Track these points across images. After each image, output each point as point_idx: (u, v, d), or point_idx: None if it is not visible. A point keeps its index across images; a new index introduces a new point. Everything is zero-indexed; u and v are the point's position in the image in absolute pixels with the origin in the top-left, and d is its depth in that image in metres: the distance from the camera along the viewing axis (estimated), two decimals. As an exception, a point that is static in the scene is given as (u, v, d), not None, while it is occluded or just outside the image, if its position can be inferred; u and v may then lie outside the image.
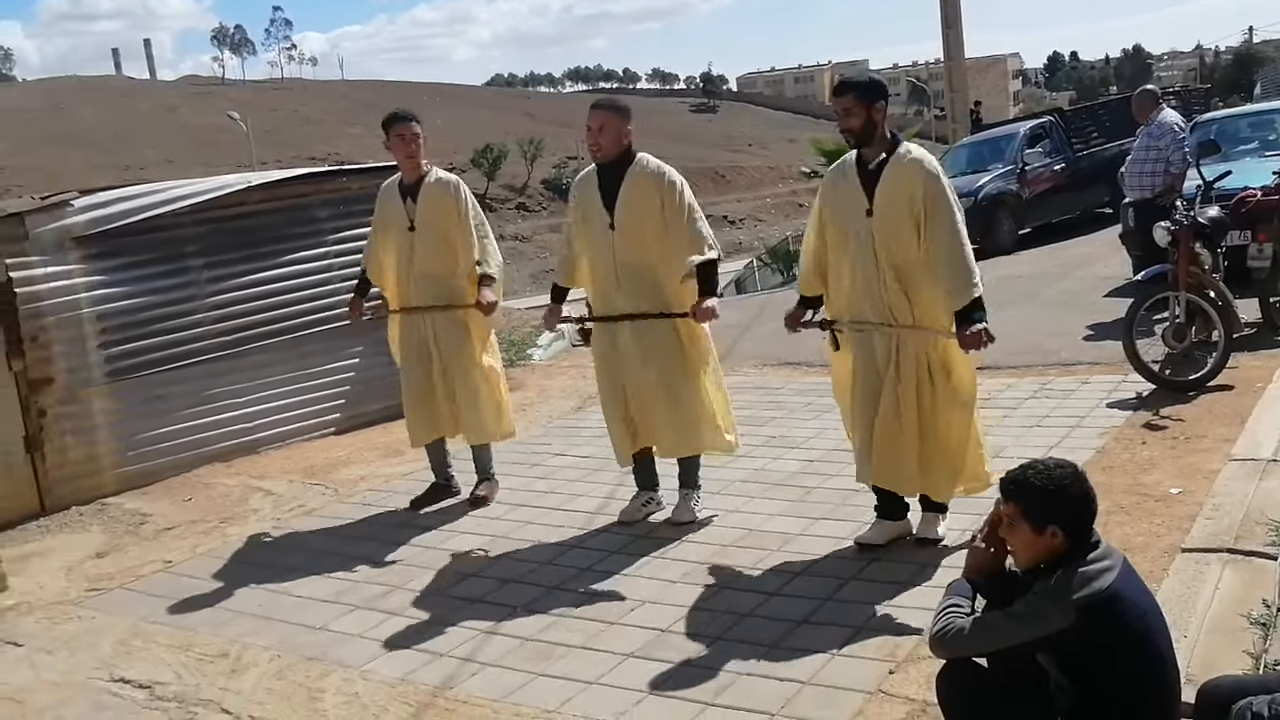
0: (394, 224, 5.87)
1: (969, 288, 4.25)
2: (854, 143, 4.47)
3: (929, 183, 4.32)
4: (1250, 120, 11.85)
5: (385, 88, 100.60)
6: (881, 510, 4.70)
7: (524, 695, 3.76)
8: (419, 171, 5.81)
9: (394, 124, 5.74)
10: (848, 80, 4.54)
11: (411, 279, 5.84)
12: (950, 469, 4.52)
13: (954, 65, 30.87)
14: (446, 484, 6.13)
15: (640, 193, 5.08)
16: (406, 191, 5.84)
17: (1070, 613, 2.46)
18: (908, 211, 4.34)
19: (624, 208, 5.09)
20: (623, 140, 5.10)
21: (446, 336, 5.81)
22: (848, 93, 4.42)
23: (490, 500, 5.97)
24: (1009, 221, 15.65)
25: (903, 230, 4.36)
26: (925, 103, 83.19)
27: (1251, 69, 49.12)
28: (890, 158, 4.41)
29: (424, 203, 5.78)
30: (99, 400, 6.90)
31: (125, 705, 4.04)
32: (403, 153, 5.76)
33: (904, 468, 4.48)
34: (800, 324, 4.81)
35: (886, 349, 4.47)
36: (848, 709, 3.41)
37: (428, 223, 5.77)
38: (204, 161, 54.90)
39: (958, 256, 4.28)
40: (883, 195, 4.40)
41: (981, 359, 4.54)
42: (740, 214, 63.36)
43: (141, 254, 7.13)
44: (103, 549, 5.92)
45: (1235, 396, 6.23)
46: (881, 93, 4.47)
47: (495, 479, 6.12)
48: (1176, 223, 6.89)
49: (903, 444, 4.43)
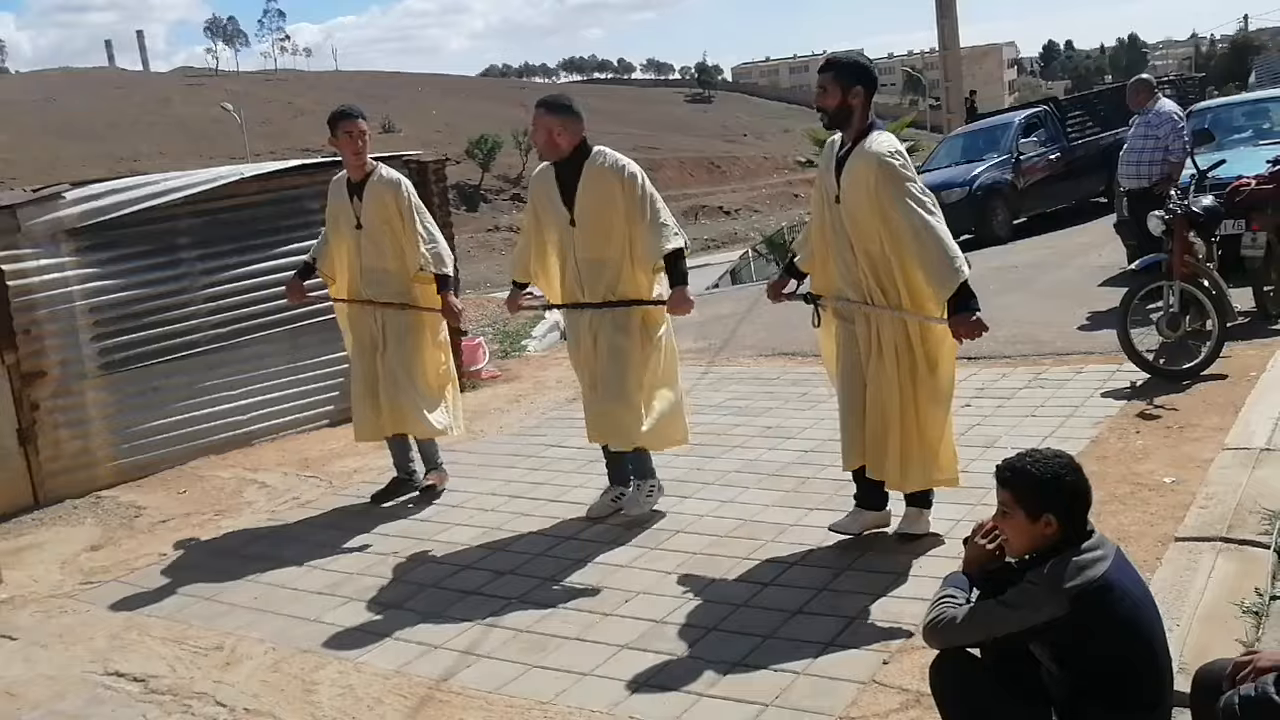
0: (343, 221, 5.87)
1: (953, 275, 4.12)
2: (826, 123, 4.39)
3: (881, 174, 4.19)
4: (1245, 109, 11.84)
5: (379, 79, 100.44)
6: (860, 499, 4.66)
7: (519, 687, 3.76)
8: (364, 169, 5.78)
9: (341, 120, 5.68)
10: (833, 58, 4.45)
11: (361, 275, 5.86)
12: (926, 459, 4.43)
13: (949, 54, 30.90)
14: (408, 478, 6.09)
15: (599, 187, 5.01)
16: (353, 190, 5.82)
17: (1063, 601, 2.46)
18: (869, 201, 4.24)
19: (583, 203, 5.04)
20: (577, 136, 5.04)
21: (394, 331, 5.81)
22: (829, 70, 4.34)
23: (440, 488, 6.00)
24: (1004, 211, 15.68)
25: (869, 220, 4.27)
26: (921, 92, 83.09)
27: (1246, 57, 49.09)
28: (855, 147, 4.32)
29: (369, 201, 5.76)
30: (92, 393, 6.89)
31: (120, 698, 4.04)
32: (349, 149, 5.71)
33: (890, 455, 4.42)
34: (783, 294, 4.80)
35: (867, 333, 4.40)
36: (842, 699, 3.41)
37: (373, 221, 5.76)
38: (198, 153, 54.85)
39: (932, 245, 4.15)
40: (847, 183, 4.33)
41: (975, 348, 4.53)
42: (735, 204, 63.31)
43: (134, 246, 7.11)
44: (97, 542, 5.91)
45: (1229, 386, 6.24)
46: (862, 77, 4.32)
47: (443, 468, 6.13)
48: (1171, 212, 6.89)
49: (893, 434, 4.38)
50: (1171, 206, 6.94)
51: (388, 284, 5.81)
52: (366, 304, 5.87)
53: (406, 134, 65.46)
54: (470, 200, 56.55)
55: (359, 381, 5.96)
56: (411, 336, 5.84)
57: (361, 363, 5.95)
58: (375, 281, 5.82)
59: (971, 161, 16.23)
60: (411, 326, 5.84)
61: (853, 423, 4.49)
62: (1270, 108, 11.64)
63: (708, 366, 8.66)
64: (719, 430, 6.70)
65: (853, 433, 4.50)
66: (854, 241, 4.35)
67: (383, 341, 5.84)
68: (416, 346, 5.85)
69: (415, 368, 5.85)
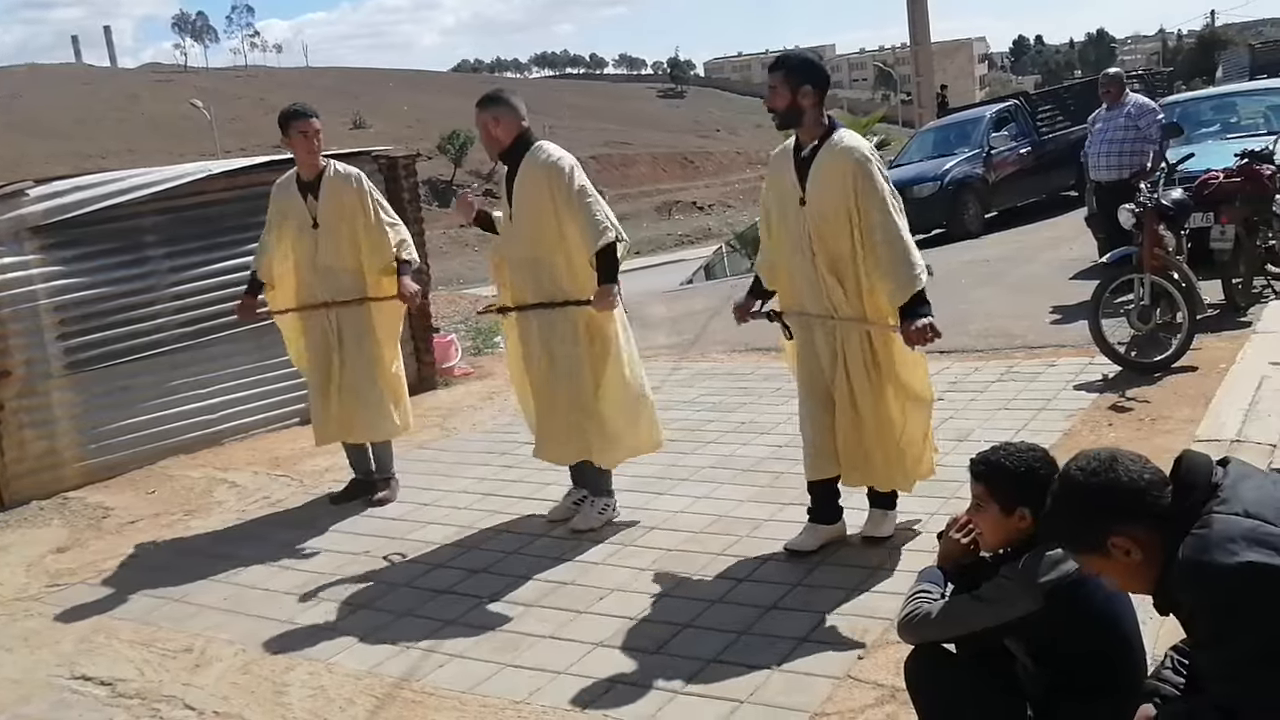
0: (294, 221, 5.75)
1: (910, 282, 4.07)
2: (778, 123, 4.29)
3: (859, 174, 4.12)
4: (1213, 103, 11.95)
5: (350, 75, 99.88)
6: (815, 513, 4.53)
7: (492, 686, 3.73)
8: (318, 167, 5.70)
9: (295, 120, 5.58)
10: (782, 57, 4.34)
11: (316, 275, 5.74)
12: (908, 460, 4.37)
13: (920, 50, 31.01)
14: (366, 479, 6.00)
15: (531, 184, 4.90)
16: (306, 188, 5.71)
17: (1038, 596, 2.45)
18: (840, 203, 4.16)
19: (518, 199, 4.95)
20: (514, 130, 4.94)
21: (350, 332, 5.73)
22: (777, 70, 4.23)
23: (391, 500, 5.86)
24: (975, 205, 15.75)
25: (837, 222, 4.18)
26: (892, 87, 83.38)
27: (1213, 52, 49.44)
28: (822, 146, 4.22)
29: (326, 198, 5.66)
30: (59, 392, 6.79)
31: (87, 702, 3.98)
32: (304, 149, 5.63)
33: (873, 461, 4.34)
34: (749, 314, 4.66)
35: (830, 344, 4.32)
36: (817, 695, 3.40)
37: (332, 219, 5.66)
38: (167, 150, 54.40)
39: (896, 250, 4.10)
40: (814, 185, 4.22)
41: (947, 343, 4.52)
42: (709, 200, 63.37)
43: (100, 244, 7.02)
44: (64, 544, 5.83)
45: (1199, 377, 6.28)
46: (812, 76, 4.21)
47: (396, 479, 6.02)
48: (1141, 205, 6.94)
49: (866, 439, 4.30)
50: (1142, 200, 6.99)
51: (345, 282, 5.71)
52: (321, 306, 5.74)
53: (378, 130, 65.19)
54: (443, 196, 56.30)
55: (316, 387, 5.86)
56: (370, 339, 5.74)
57: (317, 367, 5.84)
58: (332, 281, 5.71)
59: (943, 156, 16.29)
60: (370, 328, 5.74)
61: (817, 433, 4.40)
62: (1237, 102, 11.77)
63: (680, 362, 8.65)
64: (692, 426, 6.69)
65: (820, 443, 4.40)
66: (819, 245, 4.24)
67: (339, 345, 5.73)
68: (376, 349, 5.75)
69: (376, 372, 5.75)
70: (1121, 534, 2.06)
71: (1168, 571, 2.02)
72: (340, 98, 74.74)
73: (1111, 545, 2.07)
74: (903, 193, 15.59)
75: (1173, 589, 2.02)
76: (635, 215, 52.34)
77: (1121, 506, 2.06)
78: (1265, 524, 1.95)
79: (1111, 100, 8.89)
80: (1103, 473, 2.09)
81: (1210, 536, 1.96)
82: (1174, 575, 2.00)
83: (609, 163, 74.27)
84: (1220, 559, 1.92)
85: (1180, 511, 2.03)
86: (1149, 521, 2.05)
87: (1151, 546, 2.05)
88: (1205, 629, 2.01)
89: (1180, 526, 2.01)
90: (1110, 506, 2.07)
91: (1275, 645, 1.90)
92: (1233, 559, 1.91)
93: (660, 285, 15.69)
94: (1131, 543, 2.06)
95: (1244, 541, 1.92)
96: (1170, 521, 2.03)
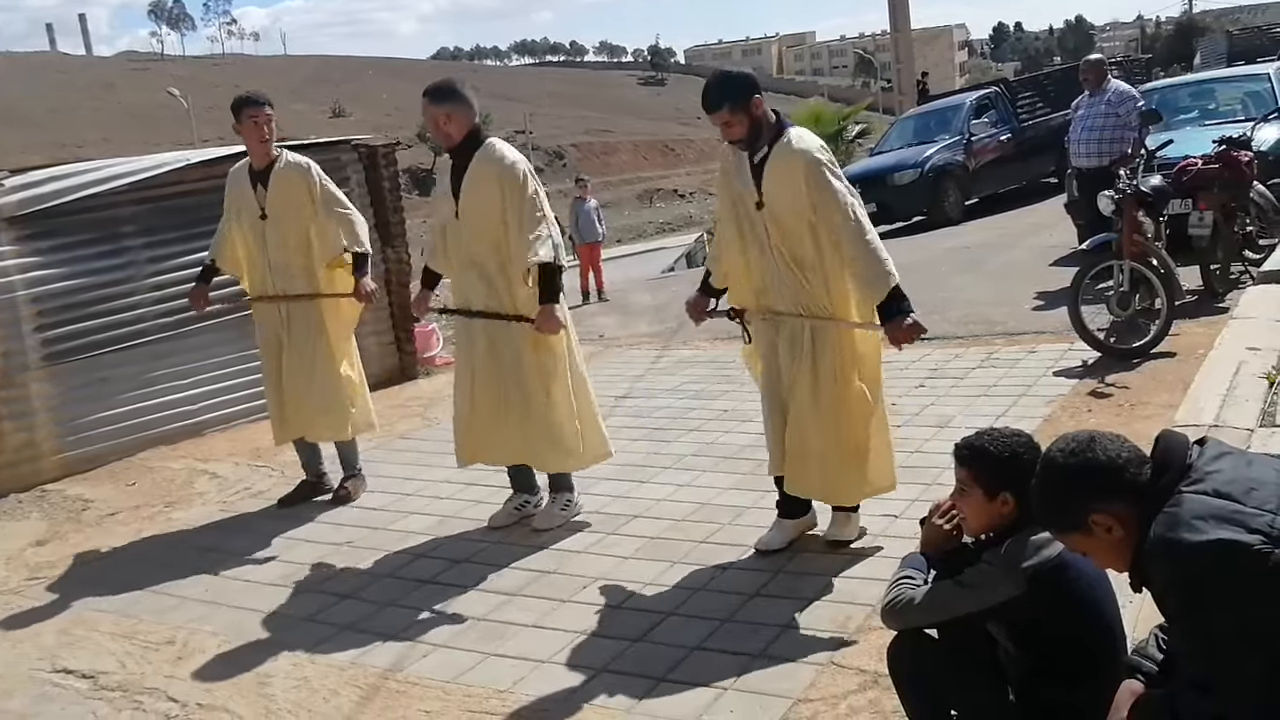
0: (245, 212, 5.61)
1: (883, 278, 3.96)
2: (745, 146, 4.15)
3: (811, 173, 4.00)
4: (1191, 90, 12.01)
5: (329, 63, 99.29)
6: (782, 509, 4.46)
7: (476, 675, 3.73)
8: (269, 157, 5.53)
9: (246, 107, 5.43)
10: (713, 91, 4.10)
11: (267, 268, 5.60)
12: (860, 471, 4.24)
13: (900, 36, 31.06)
14: (318, 480, 5.88)
15: (480, 181, 4.74)
16: (256, 178, 5.56)
17: (1020, 581, 2.47)
18: (795, 204, 4.05)
19: (466, 196, 4.79)
20: (467, 127, 4.79)
21: (299, 328, 5.59)
22: (722, 106, 4.05)
23: (355, 498, 5.75)
24: (956, 192, 15.82)
25: (796, 223, 4.08)
26: (872, 74, 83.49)
27: (1191, 39, 49.71)
28: (774, 148, 4.10)
29: (275, 189, 5.51)
30: (37, 384, 6.75)
31: (68, 695, 3.96)
32: (255, 137, 5.48)
33: (812, 472, 4.22)
34: (706, 313, 4.54)
35: (795, 343, 4.19)
36: (800, 681, 3.41)
37: (280, 210, 5.51)
38: (144, 139, 53.98)
39: (862, 248, 3.98)
40: (770, 187, 4.11)
41: (928, 329, 4.49)
42: (690, 187, 63.29)
43: (77, 234, 6.98)
44: (43, 537, 5.80)
45: (1178, 363, 6.32)
46: (752, 87, 4.10)
47: (362, 475, 5.89)
48: (1121, 191, 6.97)
49: (814, 446, 4.17)
50: (1121, 186, 7.02)
51: (296, 275, 5.57)
52: (275, 299, 5.62)
53: (357, 118, 64.90)
54: (423, 185, 56.03)
55: (268, 385, 5.76)
56: (321, 335, 5.59)
57: (269, 364, 5.72)
58: (283, 273, 5.57)
59: (924, 143, 16.34)
60: (320, 324, 5.59)
61: (774, 431, 4.34)
62: (1216, 88, 11.83)
63: (663, 350, 8.65)
64: (674, 414, 6.70)
65: (775, 440, 4.35)
66: (781, 247, 4.14)
67: (288, 340, 5.61)
68: (326, 346, 5.60)
69: (327, 370, 5.60)
70: (1102, 512, 2.10)
71: (1140, 549, 2.06)
72: (319, 86, 74.42)
73: (1093, 523, 2.11)
74: (883, 180, 15.71)
75: (1144, 566, 2.06)
76: (617, 203, 52.31)
77: (1102, 485, 2.10)
78: (1233, 502, 1.99)
79: (1092, 87, 8.90)
80: (1081, 452, 2.13)
81: (1179, 515, 2.00)
82: (1145, 553, 2.04)
83: (590, 150, 74.16)
84: (1189, 536, 1.96)
85: (1155, 490, 2.08)
86: (1128, 498, 2.09)
87: (1131, 523, 2.09)
88: (1176, 605, 2.05)
89: (1154, 505, 2.06)
90: (1090, 485, 2.11)
91: (1246, 621, 1.94)
92: (1201, 536, 1.95)
93: (642, 273, 15.68)
94: (1113, 520, 2.10)
95: (1213, 520, 1.96)
96: (1146, 499, 2.07)
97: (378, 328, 8.38)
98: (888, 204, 15.64)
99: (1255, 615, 1.93)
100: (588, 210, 14.97)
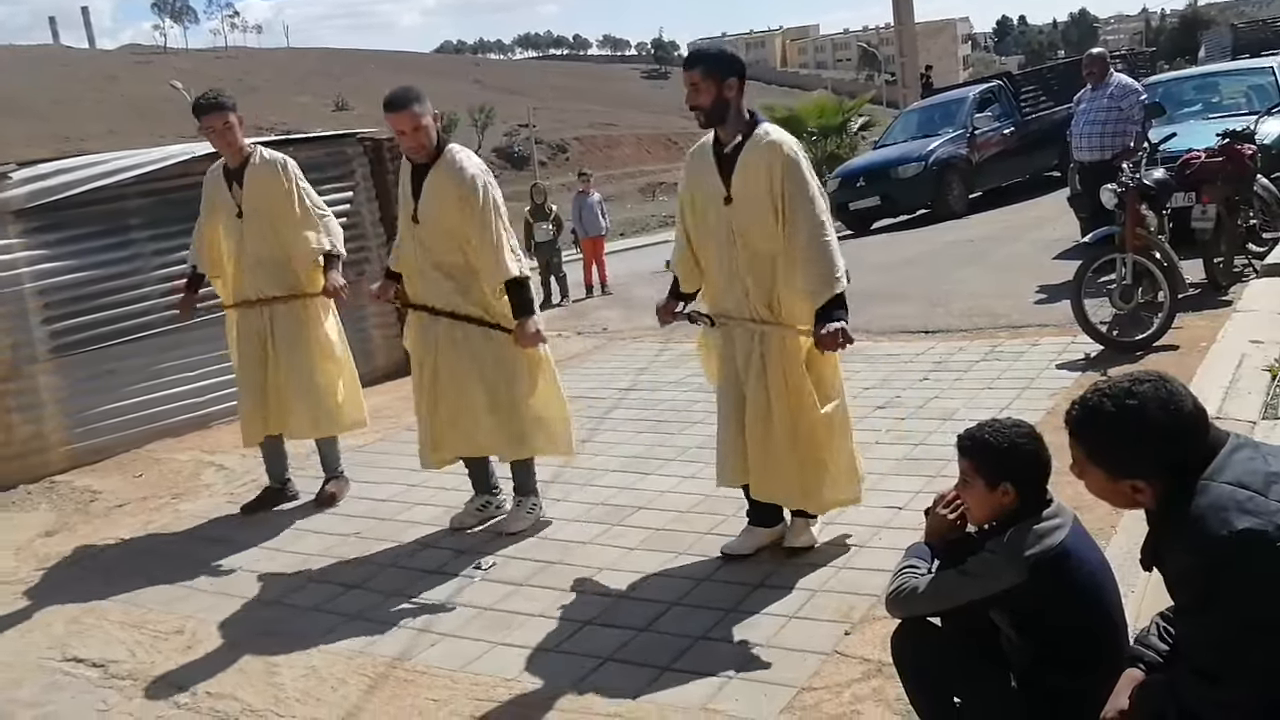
0: (223, 211, 5.52)
1: (829, 284, 3.92)
2: (703, 121, 4.08)
3: (787, 169, 3.95)
4: (1195, 83, 12.01)
5: (332, 56, 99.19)
6: (753, 516, 4.39)
7: (483, 664, 3.76)
8: (242, 155, 5.45)
9: (202, 115, 5.31)
10: (697, 52, 4.16)
11: (246, 268, 5.50)
12: (825, 478, 4.16)
13: (904, 30, 31.03)
14: (281, 487, 5.80)
15: (439, 189, 4.69)
16: (232, 176, 5.47)
17: (1023, 569, 2.49)
18: (766, 199, 3.99)
19: (425, 204, 4.73)
20: (434, 132, 4.72)
21: (283, 329, 5.49)
22: (696, 66, 4.03)
23: (340, 499, 5.68)
24: (960, 185, 15.82)
25: (763, 219, 4.01)
26: (876, 68, 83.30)
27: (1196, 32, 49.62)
28: (747, 141, 4.05)
29: (250, 187, 5.42)
30: (45, 376, 6.78)
31: (79, 684, 4.00)
32: (219, 142, 5.40)
33: (782, 478, 4.14)
34: (674, 315, 4.45)
35: (748, 347, 4.13)
36: (805, 670, 3.44)
37: (256, 208, 5.42)
38: (147, 132, 53.99)
39: (817, 250, 3.94)
40: (740, 182, 4.04)
41: (931, 322, 4.52)
42: (693, 181, 63.09)
43: (84, 227, 7.01)
44: (52, 527, 5.84)
45: (1180, 356, 6.33)
46: (735, 68, 4.06)
47: (345, 477, 5.83)
48: (1124, 185, 6.98)
49: (777, 453, 4.10)
50: (1124, 179, 7.03)
51: (275, 275, 5.47)
52: (256, 304, 5.51)
53: (360, 112, 64.79)
54: (426, 178, 56.15)
55: (243, 385, 5.62)
56: (305, 335, 5.52)
57: (249, 367, 5.57)
58: (262, 273, 5.47)
59: (927, 136, 16.34)
60: (304, 324, 5.52)
61: (728, 439, 4.25)
62: (1219, 82, 11.81)
63: (667, 343, 8.66)
64: (679, 407, 6.72)
65: (727, 450, 4.25)
66: (743, 245, 4.07)
67: (273, 345, 5.50)
68: (312, 344, 5.54)
69: (314, 368, 5.53)
70: (1151, 477, 2.16)
71: (1161, 531, 2.09)
72: (322, 79, 74.33)
73: (1134, 483, 2.18)
74: (887, 173, 15.67)
75: (1162, 549, 2.09)
76: (619, 196, 52.20)
77: (1172, 453, 2.14)
78: (1255, 494, 2.03)
79: (1095, 81, 8.92)
80: (1175, 411, 2.17)
81: (1204, 504, 2.04)
82: (1167, 538, 2.07)
83: (593, 144, 74.11)
84: (1215, 527, 2.01)
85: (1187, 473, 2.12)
86: (1173, 472, 2.14)
87: (1158, 495, 2.14)
88: (1191, 592, 2.08)
89: (1182, 487, 2.10)
90: (1167, 449, 2.15)
91: (1261, 612, 1.98)
92: (1226, 527, 2.00)
93: (645, 267, 15.66)
94: (1150, 488, 2.16)
95: (1236, 510, 2.01)
96: (1174, 480, 2.12)
97: (383, 320, 8.41)
98: (892, 197, 15.67)
99: (1266, 607, 1.97)
100: (591, 204, 14.98)
